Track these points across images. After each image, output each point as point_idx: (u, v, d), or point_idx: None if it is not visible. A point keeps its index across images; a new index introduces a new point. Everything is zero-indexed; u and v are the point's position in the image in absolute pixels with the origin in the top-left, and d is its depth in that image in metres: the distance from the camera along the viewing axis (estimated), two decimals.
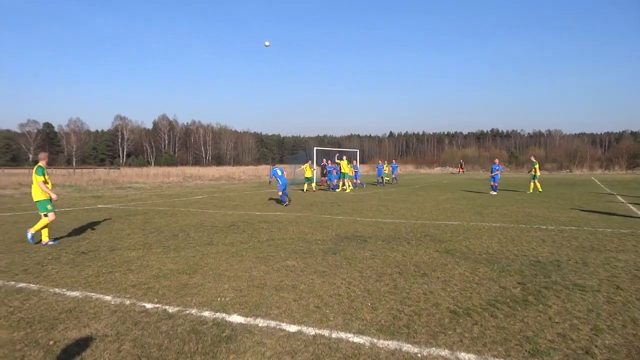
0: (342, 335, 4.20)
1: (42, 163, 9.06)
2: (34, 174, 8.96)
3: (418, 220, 12.40)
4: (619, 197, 19.56)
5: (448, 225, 11.28)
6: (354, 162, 29.21)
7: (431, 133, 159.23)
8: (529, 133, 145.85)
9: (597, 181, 36.03)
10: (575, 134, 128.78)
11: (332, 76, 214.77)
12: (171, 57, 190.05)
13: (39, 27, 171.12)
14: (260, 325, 4.45)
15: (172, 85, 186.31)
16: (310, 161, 26.31)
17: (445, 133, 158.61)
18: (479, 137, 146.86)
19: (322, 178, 29.77)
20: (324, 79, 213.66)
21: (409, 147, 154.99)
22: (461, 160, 79.48)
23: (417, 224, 11.53)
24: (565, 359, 3.71)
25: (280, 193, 16.86)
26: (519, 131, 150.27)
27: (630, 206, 15.85)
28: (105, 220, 12.47)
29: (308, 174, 24.87)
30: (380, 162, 35.61)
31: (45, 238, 8.90)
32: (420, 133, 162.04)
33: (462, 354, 3.80)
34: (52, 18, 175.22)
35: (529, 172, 26.75)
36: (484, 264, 7.04)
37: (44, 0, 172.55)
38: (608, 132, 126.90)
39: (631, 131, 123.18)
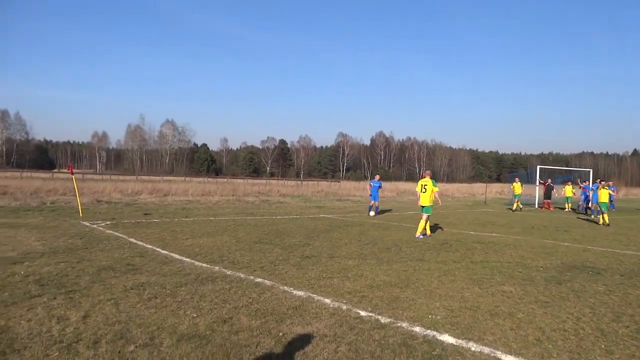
0: None
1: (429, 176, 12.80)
2: (430, 185, 12.42)
3: None
4: None
5: None
6: (586, 182, 25.88)
7: None
8: None
9: None
10: None
11: (556, 84, 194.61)
12: (388, 74, 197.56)
13: (276, 59, 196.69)
14: (472, 349, 4.26)
15: (390, 102, 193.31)
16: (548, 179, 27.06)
17: None
18: None
19: (545, 200, 27.13)
20: (546, 90, 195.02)
21: None
22: None
23: None
24: None
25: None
26: None
27: None
28: (326, 229, 13.56)
29: (568, 193, 26.31)
30: (587, 182, 26.88)
31: (418, 233, 12.32)
32: None
33: None
34: (276, 48, 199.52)
35: None
36: None
37: (272, 33, 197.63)
38: None
39: None
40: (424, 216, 12.47)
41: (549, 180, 27.71)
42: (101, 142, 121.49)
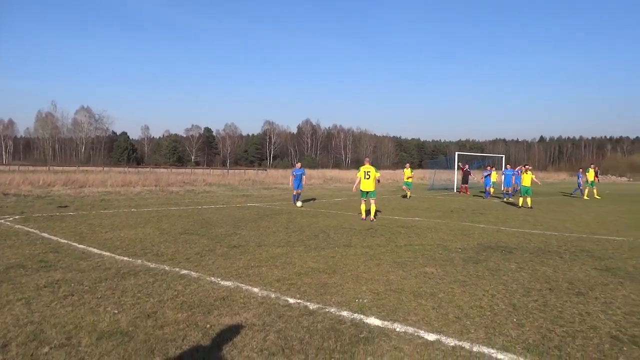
0: (484, 349, 3.98)
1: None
2: (373, 171, 13.56)
3: (572, 233, 11.27)
4: None
5: (609, 241, 10.08)
6: (488, 167, 27.18)
7: (590, 137, 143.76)
8: None
9: None
10: None
11: (472, 78, 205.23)
12: (313, 62, 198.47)
13: (200, 41, 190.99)
14: (397, 330, 4.42)
15: (317, 90, 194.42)
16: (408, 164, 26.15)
17: (608, 137, 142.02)
18: None
19: (463, 185, 28.60)
20: (465, 80, 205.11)
21: (562, 153, 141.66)
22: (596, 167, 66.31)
23: (572, 237, 10.49)
24: None
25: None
26: None
27: None
28: (253, 217, 13.45)
29: (493, 179, 25.55)
30: (509, 167, 26.01)
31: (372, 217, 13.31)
32: (577, 137, 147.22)
33: None
34: (212, 32, 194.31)
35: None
36: None
37: (199, 14, 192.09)
38: None
39: None
40: (372, 200, 13.48)
41: (467, 166, 29.18)
42: (7, 131, 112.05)
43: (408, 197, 23.29)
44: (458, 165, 30.58)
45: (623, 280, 6.49)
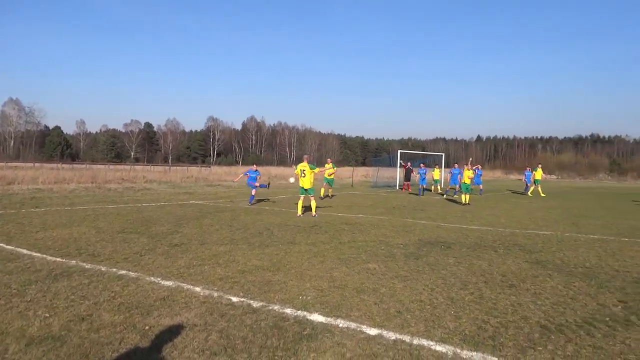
0: (424, 342, 4.10)
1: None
2: (308, 169, 13.65)
3: (506, 228, 11.83)
4: None
5: (539, 235, 10.66)
6: (422, 165, 26.98)
7: (522, 137, 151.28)
8: (635, 139, 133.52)
9: None
10: None
11: (415, 78, 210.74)
12: (259, 59, 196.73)
13: (137, 33, 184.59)
14: (340, 325, 4.47)
15: (261, 88, 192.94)
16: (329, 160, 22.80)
17: (539, 137, 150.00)
18: (577, 143, 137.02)
19: (405, 182, 29.31)
20: (408, 80, 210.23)
21: (497, 151, 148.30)
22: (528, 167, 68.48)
23: (506, 232, 11.01)
24: None
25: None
26: (623, 136, 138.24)
27: None
28: (196, 215, 13.17)
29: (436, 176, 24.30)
30: (457, 166, 25.34)
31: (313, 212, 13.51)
32: (511, 137, 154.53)
33: None
34: (145, 24, 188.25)
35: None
36: (579, 278, 6.57)
37: (139, 6, 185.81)
38: None
39: None
40: (311, 197, 13.79)
41: (409, 164, 29.90)
42: None
43: (330, 196, 21.34)
44: (400, 163, 31.28)
45: (551, 272, 6.88)
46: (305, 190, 13.75)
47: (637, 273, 6.93)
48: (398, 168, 32.02)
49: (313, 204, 13.68)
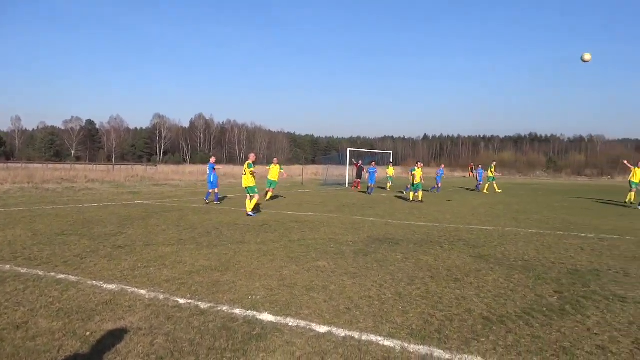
0: (373, 338, 4.16)
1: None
2: (245, 167, 13.83)
3: (451, 224, 12.21)
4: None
5: (482, 230, 11.06)
6: (373, 163, 27.09)
7: (466, 136, 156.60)
8: (569, 138, 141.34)
9: None
10: (619, 139, 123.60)
11: (365, 77, 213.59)
12: (205, 55, 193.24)
13: (81, 29, 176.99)
14: (290, 324, 4.46)
15: (209, 85, 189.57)
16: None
17: (481, 136, 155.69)
18: (517, 141, 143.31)
19: (356, 180, 29.63)
20: (358, 79, 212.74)
21: (443, 150, 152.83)
22: (472, 163, 68.40)
23: (451, 228, 11.35)
24: None
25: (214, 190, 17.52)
26: (558, 136, 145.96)
27: None
28: (141, 215, 12.77)
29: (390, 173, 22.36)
30: (443, 166, 32.41)
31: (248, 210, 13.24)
32: (455, 136, 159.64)
33: None
34: (91, 20, 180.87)
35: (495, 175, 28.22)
36: (519, 270, 6.87)
37: (84, 3, 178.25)
38: None
39: None
40: (248, 196, 13.60)
41: (360, 162, 30.25)
42: None
43: (267, 199, 18.56)
44: (352, 161, 31.58)
45: (493, 266, 7.16)
46: (246, 188, 13.79)
47: (571, 265, 7.33)
48: (348, 166, 32.33)
49: (251, 203, 13.50)
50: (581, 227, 11.99)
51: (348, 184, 31.47)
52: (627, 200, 19.24)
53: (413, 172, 19.99)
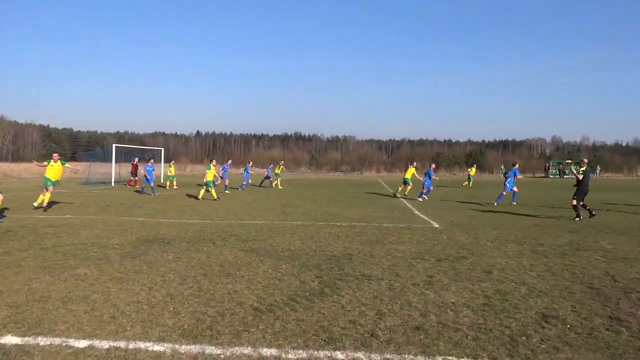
0: (141, 345, 3.94)
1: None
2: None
3: (224, 220, 12.39)
4: (398, 196, 22.40)
5: (253, 225, 11.52)
6: (151, 161, 25.17)
7: (239, 134, 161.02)
8: (327, 138, 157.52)
9: (382, 182, 40.80)
10: (366, 139, 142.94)
11: (133, 69, 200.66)
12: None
13: None
14: (41, 344, 3.91)
15: None
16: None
17: (252, 134, 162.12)
18: (284, 140, 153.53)
19: (131, 178, 27.69)
20: (125, 71, 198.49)
21: (216, 147, 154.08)
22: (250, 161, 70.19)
23: (223, 224, 11.52)
24: (355, 343, 4.09)
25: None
26: (319, 135, 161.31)
27: (406, 203, 18.35)
28: None
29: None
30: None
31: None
32: (228, 133, 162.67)
33: (265, 349, 3.90)
34: None
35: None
36: (286, 260, 7.37)
37: None
38: (391, 139, 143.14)
39: (409, 139, 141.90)
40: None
41: (136, 160, 28.36)
42: None
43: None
44: (133, 160, 29.23)
45: (263, 258, 7.52)
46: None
47: (330, 251, 8.20)
48: (113, 163, 29.99)
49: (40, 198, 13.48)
50: (337, 217, 13.51)
51: (114, 182, 29.18)
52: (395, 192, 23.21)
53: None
